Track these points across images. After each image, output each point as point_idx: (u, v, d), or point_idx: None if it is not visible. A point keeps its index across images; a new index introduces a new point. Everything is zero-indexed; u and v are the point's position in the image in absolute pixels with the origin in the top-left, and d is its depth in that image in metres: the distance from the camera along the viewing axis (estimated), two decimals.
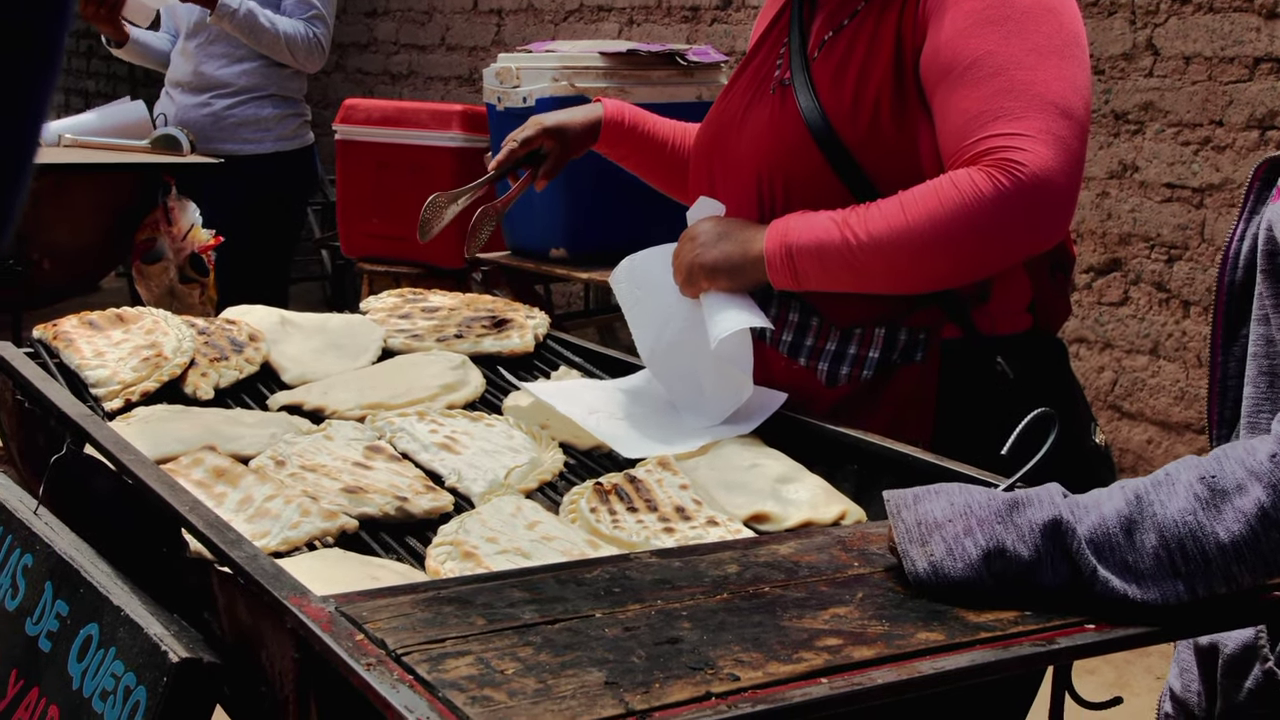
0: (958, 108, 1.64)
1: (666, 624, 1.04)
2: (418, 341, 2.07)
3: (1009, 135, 1.58)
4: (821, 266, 1.67)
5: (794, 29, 1.83)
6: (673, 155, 2.15)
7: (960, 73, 1.64)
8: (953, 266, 1.64)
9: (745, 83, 1.90)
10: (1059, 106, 1.60)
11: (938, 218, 1.59)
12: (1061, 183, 1.58)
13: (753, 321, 1.72)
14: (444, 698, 0.91)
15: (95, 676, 1.27)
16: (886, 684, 0.96)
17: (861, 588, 1.14)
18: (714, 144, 1.91)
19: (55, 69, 0.37)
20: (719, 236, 1.77)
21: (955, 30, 1.65)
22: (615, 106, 2.15)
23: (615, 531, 1.48)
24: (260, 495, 1.51)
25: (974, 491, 1.17)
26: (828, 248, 1.66)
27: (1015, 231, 1.60)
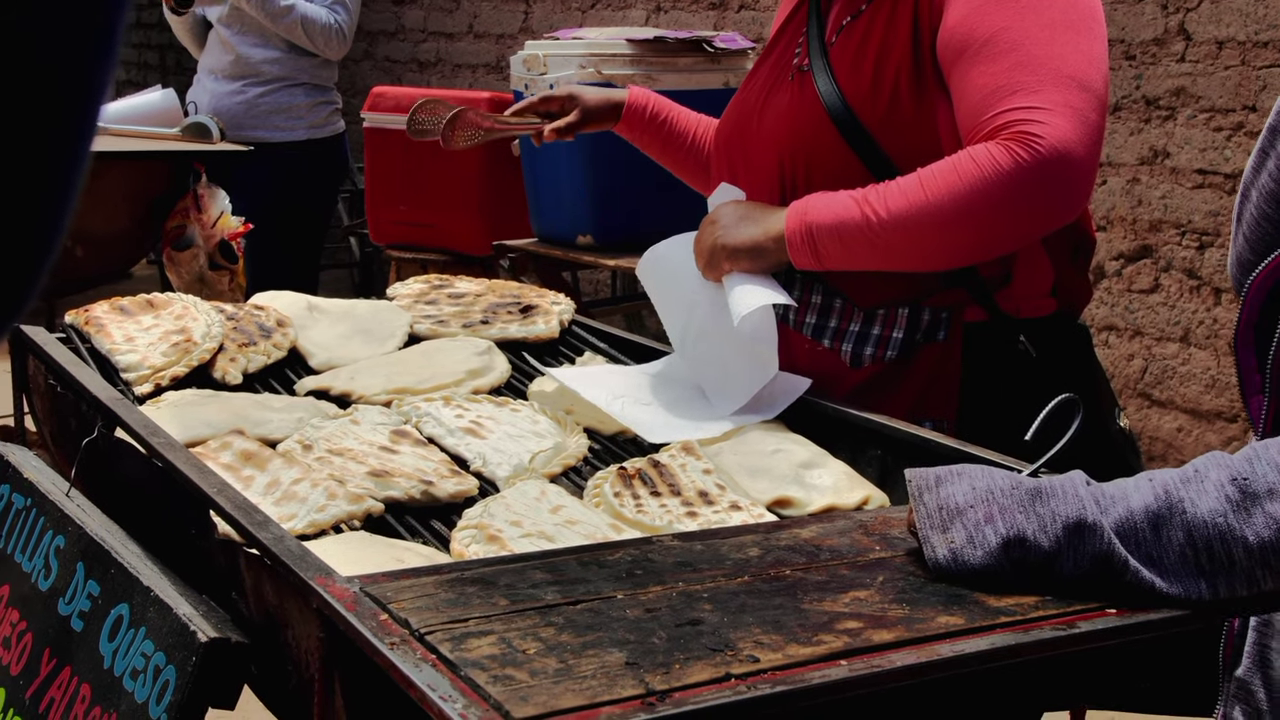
0: (974, 84, 1.64)
1: (687, 606, 1.05)
2: (444, 327, 2.08)
3: (1026, 109, 1.59)
4: (842, 245, 1.67)
5: (812, 17, 1.84)
6: (694, 147, 2.16)
7: (976, 49, 1.64)
8: (973, 241, 1.65)
9: (766, 72, 1.91)
10: (1076, 80, 1.60)
11: (957, 192, 1.60)
12: (1080, 155, 1.58)
13: (775, 298, 1.73)
14: (466, 676, 0.92)
15: (126, 656, 1.29)
16: (906, 666, 0.96)
17: (882, 571, 1.14)
18: (735, 131, 1.92)
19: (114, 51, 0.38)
20: (740, 219, 1.77)
21: (971, 8, 1.66)
22: (640, 92, 2.18)
23: (638, 516, 1.49)
24: (287, 478, 1.52)
25: (997, 475, 1.17)
26: (848, 226, 1.66)
27: (1035, 205, 1.60)
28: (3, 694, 1.43)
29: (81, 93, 0.38)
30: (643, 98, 2.16)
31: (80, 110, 0.38)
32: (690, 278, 1.85)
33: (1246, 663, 1.40)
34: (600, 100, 2.15)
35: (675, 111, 2.18)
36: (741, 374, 1.77)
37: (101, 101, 0.39)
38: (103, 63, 0.38)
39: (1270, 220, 1.44)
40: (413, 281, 2.28)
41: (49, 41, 0.37)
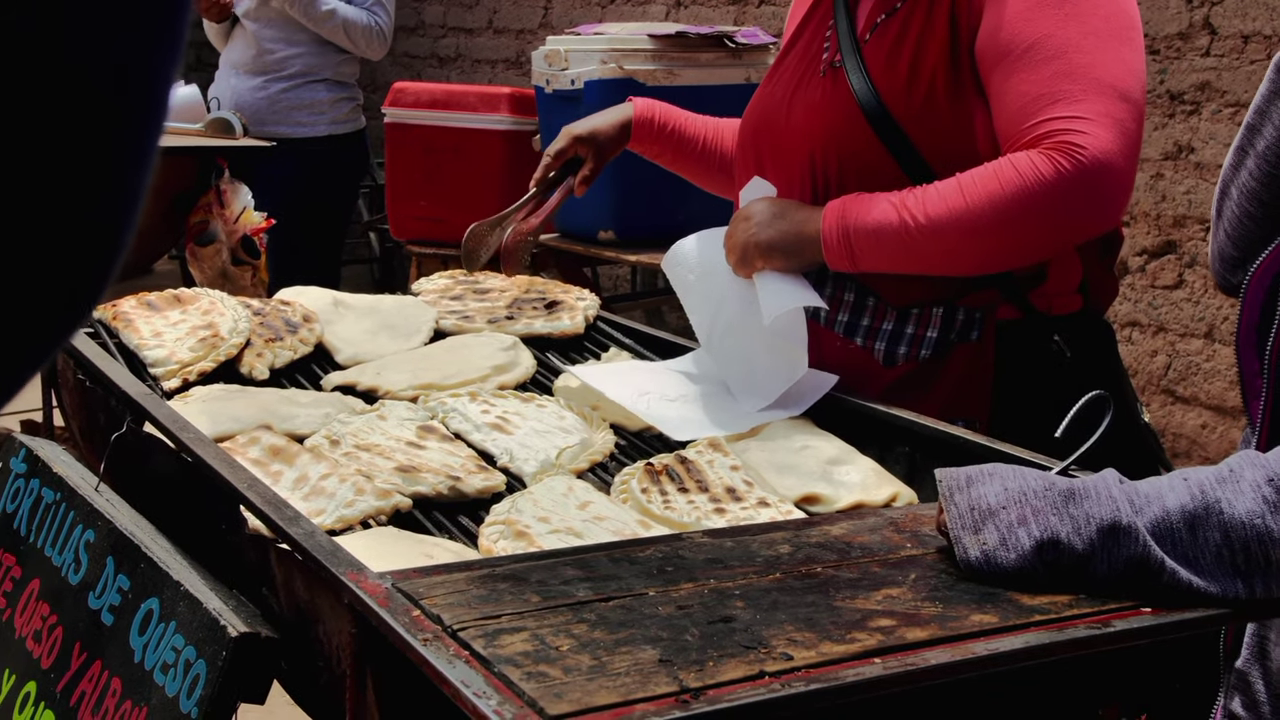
0: (1016, 90, 1.64)
1: (719, 603, 1.05)
2: (469, 323, 2.08)
3: (1069, 118, 1.59)
4: (879, 248, 1.67)
5: (840, 13, 1.83)
6: (705, 151, 2.14)
7: (1018, 55, 1.64)
8: (1012, 249, 1.65)
9: (791, 67, 1.90)
10: (1117, 90, 1.61)
11: (998, 200, 1.60)
12: (1121, 165, 1.59)
13: (807, 300, 1.73)
14: (500, 673, 0.92)
15: (156, 650, 1.30)
16: (940, 664, 0.96)
17: (914, 569, 1.14)
18: (761, 127, 1.91)
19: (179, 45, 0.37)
20: (774, 216, 1.77)
21: (1013, 13, 1.66)
22: (645, 105, 2.15)
23: (666, 512, 1.49)
24: (315, 474, 1.53)
25: (1029, 476, 1.16)
26: (885, 230, 1.66)
27: (1075, 214, 1.61)
28: (34, 687, 1.43)
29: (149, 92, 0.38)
30: (648, 110, 2.14)
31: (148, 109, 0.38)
32: (719, 273, 1.85)
33: (1245, 654, 1.40)
34: (610, 129, 2.11)
35: (683, 119, 2.16)
36: (770, 371, 1.76)
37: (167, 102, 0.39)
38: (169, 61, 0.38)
39: (1252, 218, 1.44)
40: (438, 277, 2.28)
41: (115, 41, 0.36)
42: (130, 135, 0.38)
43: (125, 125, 0.37)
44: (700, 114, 2.20)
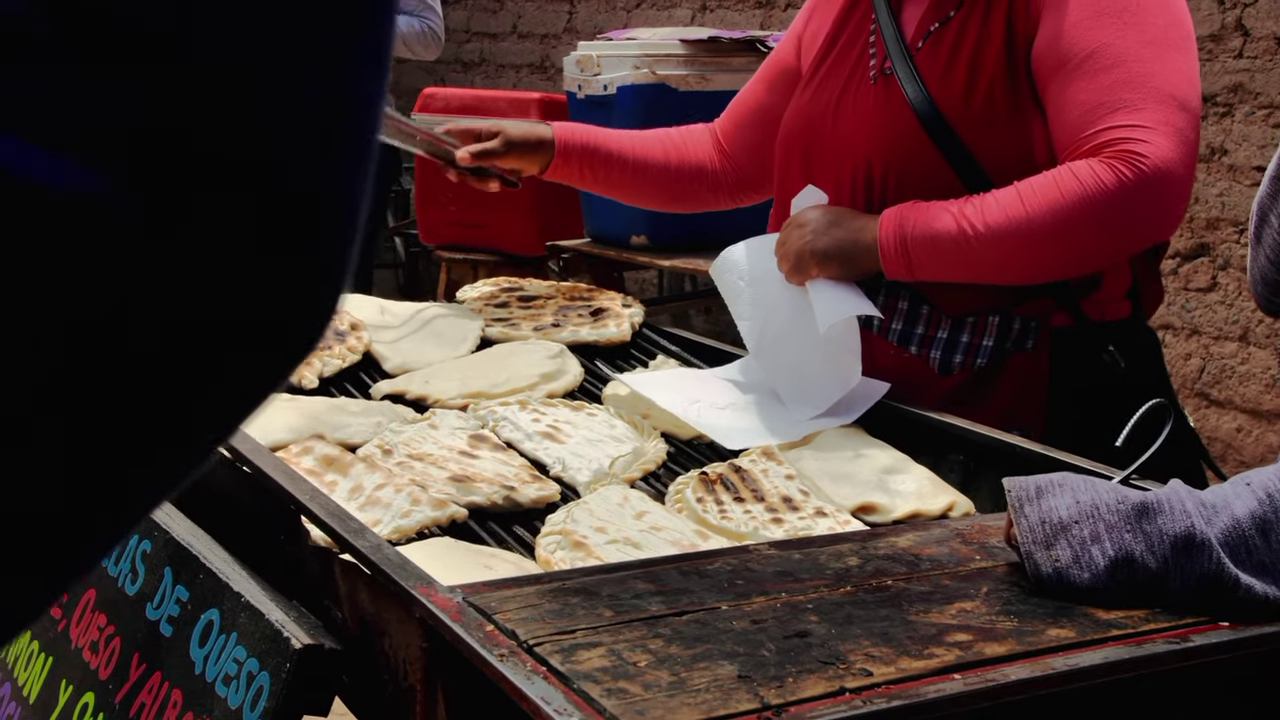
0: (1075, 99, 1.64)
1: (793, 617, 1.04)
2: (515, 330, 2.08)
3: (1130, 127, 1.59)
4: (937, 257, 1.67)
5: (885, 19, 1.81)
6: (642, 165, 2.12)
7: (1077, 64, 1.64)
8: (1071, 258, 1.65)
9: (832, 73, 1.88)
10: (1176, 98, 1.61)
11: (1058, 209, 1.59)
12: (1181, 174, 1.59)
13: (862, 309, 1.72)
14: (579, 689, 0.91)
15: (217, 662, 1.30)
16: (1021, 680, 0.95)
17: (985, 582, 1.13)
18: (804, 134, 1.90)
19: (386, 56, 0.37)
20: (830, 224, 1.76)
21: (1071, 21, 1.65)
22: (563, 126, 2.12)
23: (723, 522, 1.48)
24: (370, 484, 1.52)
25: (1100, 488, 1.15)
26: (944, 238, 1.65)
27: (1136, 223, 1.60)
28: (92, 698, 1.43)
29: (366, 110, 0.38)
30: (565, 131, 2.10)
31: (367, 130, 0.38)
32: (769, 280, 1.84)
33: None
34: (523, 132, 2.08)
35: (604, 135, 2.13)
36: (821, 380, 1.75)
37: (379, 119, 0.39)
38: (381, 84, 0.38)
39: None
40: (482, 284, 2.28)
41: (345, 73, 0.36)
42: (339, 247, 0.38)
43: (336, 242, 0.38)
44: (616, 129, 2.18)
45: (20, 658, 1.58)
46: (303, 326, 0.37)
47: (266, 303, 0.36)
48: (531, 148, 2.07)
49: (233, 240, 0.35)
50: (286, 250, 0.36)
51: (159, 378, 0.35)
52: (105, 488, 0.36)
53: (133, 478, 0.37)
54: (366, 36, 0.37)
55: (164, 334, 0.34)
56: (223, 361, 0.36)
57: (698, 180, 2.14)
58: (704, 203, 2.19)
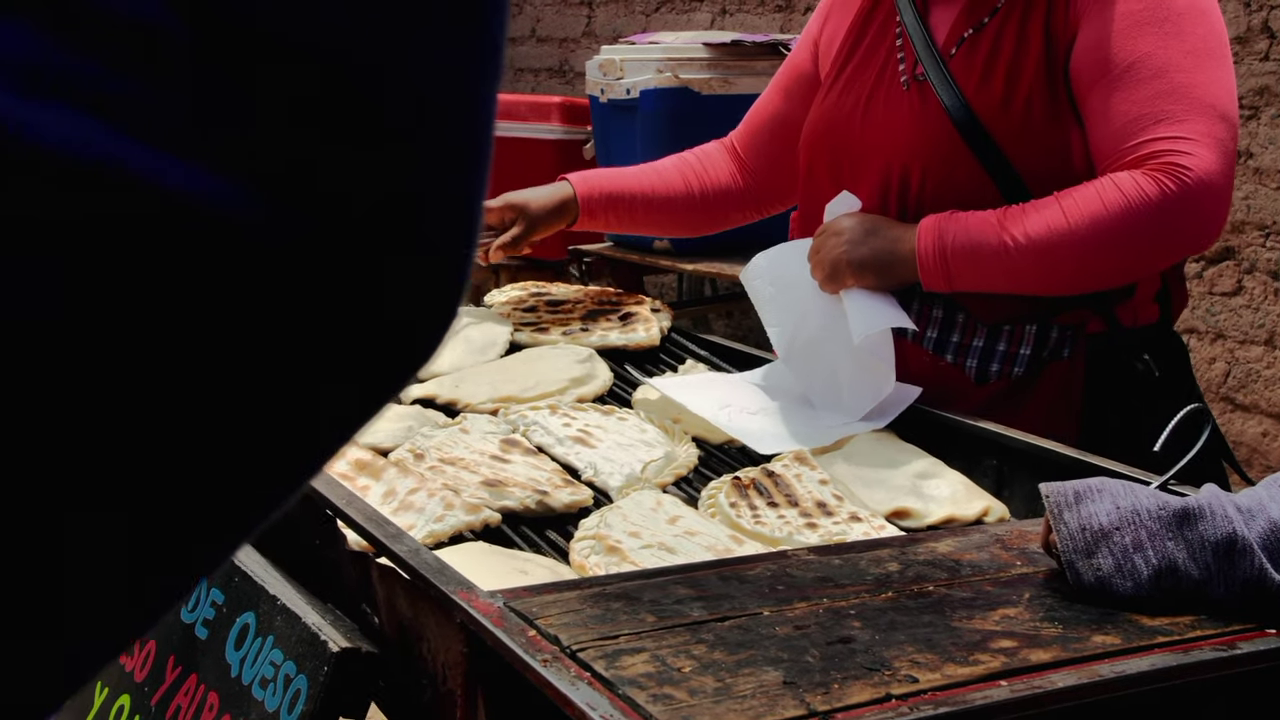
0: (1116, 110, 1.64)
1: (836, 623, 1.04)
2: (543, 335, 2.07)
3: (1173, 139, 1.59)
4: (976, 269, 1.66)
5: (913, 24, 1.80)
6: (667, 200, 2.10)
7: (1119, 74, 1.64)
8: (1113, 270, 1.65)
9: (856, 78, 1.87)
10: (1217, 110, 1.61)
11: (1101, 221, 1.59)
12: (1222, 185, 1.60)
13: (897, 321, 1.71)
14: (625, 695, 0.91)
15: (254, 665, 1.30)
16: (1068, 687, 0.95)
17: (1027, 588, 1.12)
18: (830, 140, 1.88)
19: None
20: (866, 233, 1.75)
21: (1111, 31, 1.65)
22: (580, 178, 2.08)
23: (757, 527, 1.48)
24: (403, 488, 1.52)
25: (1139, 493, 1.14)
26: (984, 250, 1.64)
27: (1179, 235, 1.61)
28: (128, 700, 1.44)
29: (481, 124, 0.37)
30: (585, 181, 2.07)
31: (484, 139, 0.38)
32: (800, 287, 1.83)
33: None
34: (545, 202, 2.04)
35: (622, 177, 2.11)
36: (855, 386, 1.75)
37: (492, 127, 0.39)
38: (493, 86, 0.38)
39: None
40: (510, 289, 2.28)
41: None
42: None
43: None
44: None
45: None
46: (433, 330, 0.37)
47: (399, 306, 0.36)
48: (555, 214, 2.05)
49: (372, 245, 0.35)
50: (421, 252, 0.36)
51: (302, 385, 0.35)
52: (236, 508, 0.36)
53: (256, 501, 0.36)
54: (487, 40, 0.36)
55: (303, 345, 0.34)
56: (358, 367, 0.36)
57: (723, 202, 2.13)
58: (731, 221, 2.17)
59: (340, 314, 0.34)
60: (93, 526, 0.33)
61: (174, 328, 0.32)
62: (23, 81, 0.29)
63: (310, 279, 0.33)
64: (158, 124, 0.30)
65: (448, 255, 0.37)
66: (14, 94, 0.28)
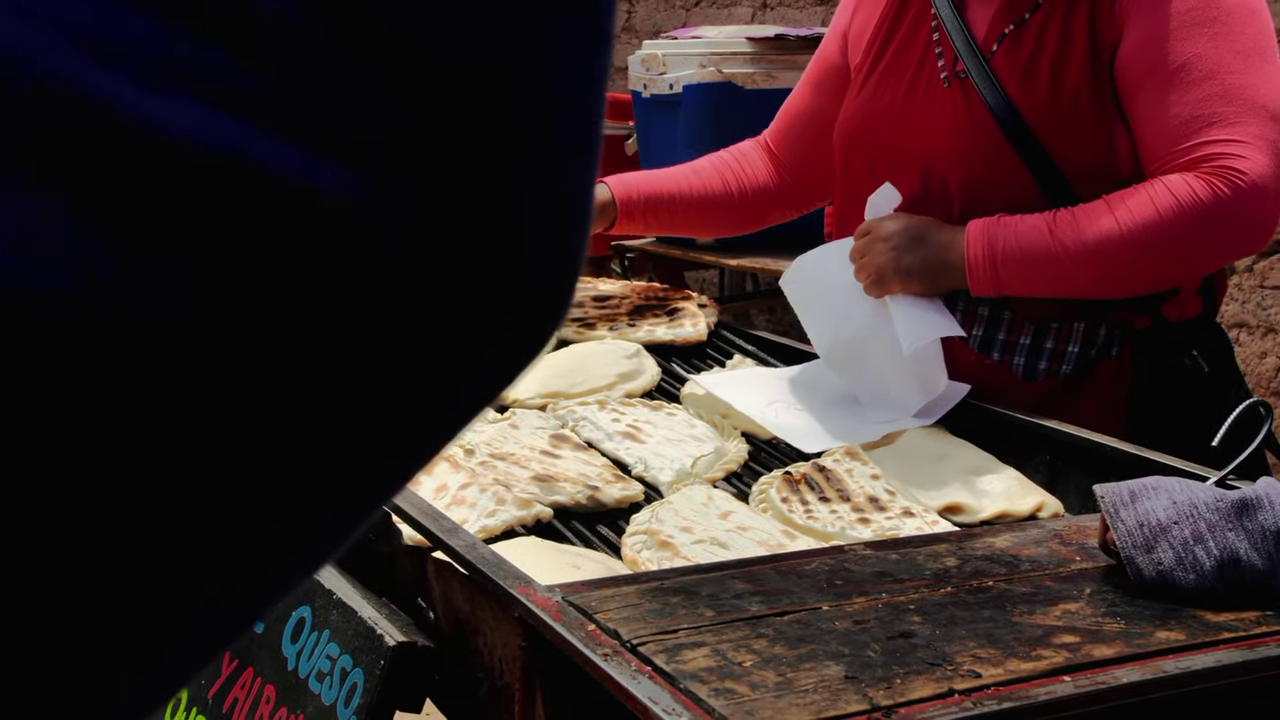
0: (1167, 111, 1.62)
1: (896, 618, 1.03)
2: (590, 330, 2.08)
3: (1226, 142, 1.57)
4: (1027, 275, 1.65)
5: (950, 20, 1.78)
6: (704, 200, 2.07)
7: (1168, 75, 1.62)
8: (1166, 274, 1.65)
9: (891, 74, 1.85)
10: (1269, 111, 1.59)
11: (1154, 226, 1.58)
12: (1276, 188, 1.59)
13: (946, 330, 1.69)
14: (686, 689, 0.91)
15: (310, 658, 1.30)
16: (1132, 683, 0.94)
17: (1088, 583, 1.11)
18: (866, 137, 1.86)
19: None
20: (913, 240, 1.72)
21: (1160, 31, 1.64)
22: (617, 181, 2.05)
23: (809, 522, 1.47)
24: (455, 483, 1.53)
25: (1195, 489, 1.13)
26: (1036, 257, 1.63)
27: (1233, 239, 1.60)
28: (185, 693, 1.45)
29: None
30: (623, 187, 2.04)
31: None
32: (842, 288, 1.80)
33: None
34: None
35: (659, 178, 2.08)
36: (902, 385, 1.73)
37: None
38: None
39: None
40: None
41: None
42: None
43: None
44: (668, 163, 2.10)
45: None
46: (552, 321, 0.37)
47: (524, 301, 0.36)
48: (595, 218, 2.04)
49: (500, 239, 0.35)
50: (546, 247, 0.36)
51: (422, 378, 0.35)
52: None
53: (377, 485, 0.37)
54: (604, 30, 0.36)
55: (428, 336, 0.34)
56: (483, 361, 0.36)
57: (762, 201, 2.10)
58: (770, 220, 2.15)
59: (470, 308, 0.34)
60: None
61: (298, 321, 0.32)
62: (147, 73, 0.29)
63: (441, 273, 0.33)
64: (284, 116, 0.30)
65: (569, 249, 0.37)
66: (138, 85, 0.29)
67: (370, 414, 0.34)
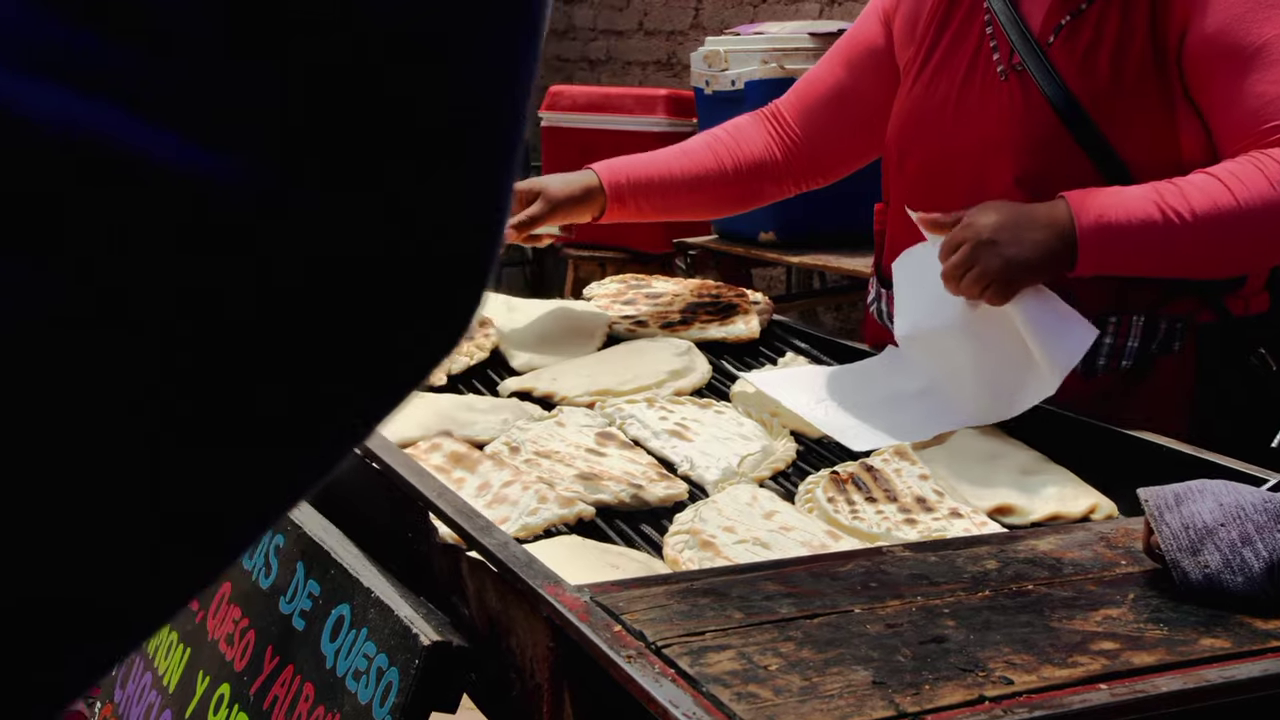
0: (1249, 92, 1.59)
1: (929, 622, 1.01)
2: (642, 328, 2.06)
3: None
4: (1135, 247, 1.56)
5: (1003, 11, 1.75)
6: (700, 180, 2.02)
7: (1249, 56, 1.60)
8: (1277, 246, 1.60)
9: (944, 69, 1.81)
10: None
11: (1270, 197, 1.53)
12: None
13: (1088, 336, 1.59)
14: (708, 693, 0.89)
15: (348, 657, 1.30)
16: (1172, 692, 0.91)
17: (1132, 588, 1.08)
18: (920, 135, 1.83)
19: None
20: (1017, 227, 1.58)
21: (1234, 15, 1.61)
22: (605, 167, 2.00)
23: (855, 522, 1.45)
24: (498, 481, 1.52)
25: (1243, 490, 1.10)
26: (1149, 229, 1.55)
27: None
28: (228, 689, 1.46)
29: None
30: (610, 171, 1.98)
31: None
32: (937, 285, 1.73)
33: None
34: (567, 188, 1.95)
35: (648, 161, 2.02)
36: (998, 385, 1.64)
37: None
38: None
39: None
40: (609, 281, 2.28)
41: None
42: None
43: None
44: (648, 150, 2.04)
45: (160, 648, 1.62)
46: (466, 307, 0.36)
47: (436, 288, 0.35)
48: (578, 200, 1.96)
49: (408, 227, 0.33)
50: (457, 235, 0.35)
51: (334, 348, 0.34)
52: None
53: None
54: (528, 13, 0.35)
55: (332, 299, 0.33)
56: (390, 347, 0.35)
57: (758, 176, 2.04)
58: (766, 197, 2.09)
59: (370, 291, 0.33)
60: None
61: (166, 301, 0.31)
62: (12, 55, 0.28)
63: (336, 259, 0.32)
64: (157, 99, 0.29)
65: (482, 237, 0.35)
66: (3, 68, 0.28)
67: (242, 408, 0.33)
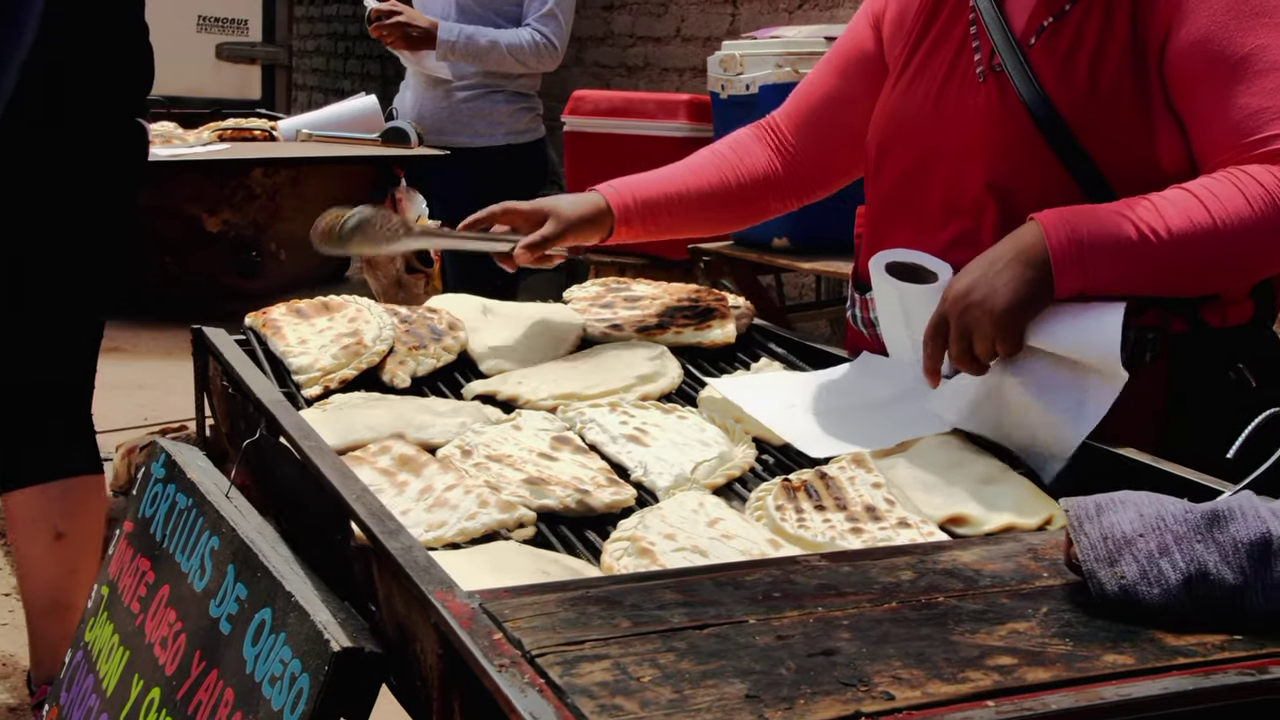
0: (1234, 103, 1.54)
1: (824, 633, 0.97)
2: (617, 331, 2.03)
3: None
4: (1115, 265, 1.49)
5: (988, 10, 1.70)
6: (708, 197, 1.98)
7: (1232, 67, 1.54)
8: (1256, 264, 1.56)
9: (925, 69, 1.76)
10: None
11: (1246, 216, 1.48)
12: None
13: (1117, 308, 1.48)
14: (571, 704, 0.86)
15: (266, 661, 1.28)
16: (1061, 710, 0.86)
17: (1047, 601, 1.04)
18: (900, 136, 1.78)
19: None
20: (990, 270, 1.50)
21: (1217, 23, 1.56)
22: (608, 187, 1.95)
23: (799, 531, 1.41)
24: (441, 485, 1.49)
25: (1166, 502, 1.05)
26: (1124, 245, 1.49)
27: None
28: (158, 693, 1.44)
29: None
30: (616, 193, 1.94)
31: None
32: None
33: None
34: (577, 208, 1.92)
35: (654, 180, 1.98)
36: (1074, 405, 1.53)
37: None
38: None
39: None
40: (590, 284, 2.25)
41: None
42: None
43: None
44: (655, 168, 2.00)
45: (103, 651, 1.60)
46: None
47: None
48: (589, 222, 1.94)
49: None
50: None
51: None
52: None
53: None
54: None
55: None
56: None
57: (761, 191, 2.01)
58: (771, 211, 2.05)
59: None
60: None
61: None
62: None
63: None
64: None
65: None
66: None
67: None
